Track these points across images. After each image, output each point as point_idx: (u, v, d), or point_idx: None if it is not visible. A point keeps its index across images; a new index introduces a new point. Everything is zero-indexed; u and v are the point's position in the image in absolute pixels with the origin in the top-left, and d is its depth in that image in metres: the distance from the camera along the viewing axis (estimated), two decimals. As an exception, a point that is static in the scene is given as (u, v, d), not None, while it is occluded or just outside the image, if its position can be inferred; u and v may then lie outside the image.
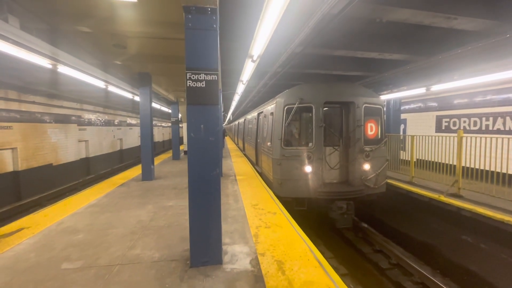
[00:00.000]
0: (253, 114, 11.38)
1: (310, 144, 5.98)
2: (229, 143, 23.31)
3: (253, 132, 10.70)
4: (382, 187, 6.27)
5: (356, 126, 6.01)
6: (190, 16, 2.68)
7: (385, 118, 6.49)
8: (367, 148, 6.06)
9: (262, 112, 8.77)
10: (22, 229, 3.95)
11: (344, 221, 6.10)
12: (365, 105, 6.10)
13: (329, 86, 6.27)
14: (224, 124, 42.28)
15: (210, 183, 2.80)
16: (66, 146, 12.72)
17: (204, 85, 2.72)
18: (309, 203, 5.99)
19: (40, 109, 10.92)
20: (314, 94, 5.98)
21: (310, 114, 5.99)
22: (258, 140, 9.27)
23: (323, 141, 5.96)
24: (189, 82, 2.70)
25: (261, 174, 8.25)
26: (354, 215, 6.36)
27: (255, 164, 10.04)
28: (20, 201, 9.48)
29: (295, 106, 5.83)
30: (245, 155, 13.85)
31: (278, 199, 5.29)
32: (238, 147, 18.59)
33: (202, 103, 2.74)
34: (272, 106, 6.90)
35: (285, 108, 6.02)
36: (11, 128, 9.30)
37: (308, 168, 5.79)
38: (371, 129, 6.25)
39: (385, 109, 6.68)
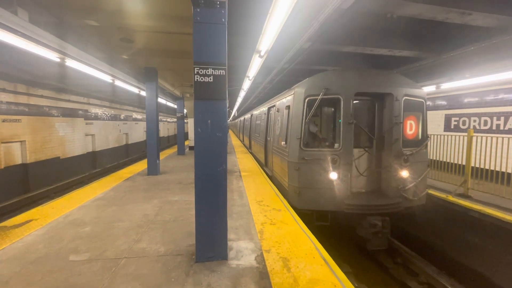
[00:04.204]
0: (262, 109, 10.33)
1: (336, 145, 5.00)
2: (233, 140, 23.32)
3: (262, 129, 9.62)
4: (422, 199, 5.21)
5: (394, 123, 4.96)
6: (198, 10, 2.64)
7: (427, 114, 5.42)
8: (406, 151, 5.00)
9: (274, 106, 7.63)
10: (30, 220, 4.02)
11: (378, 242, 4.92)
12: (405, 97, 5.02)
13: (361, 74, 5.21)
14: (229, 120, 42.35)
15: (217, 179, 2.79)
16: (73, 139, 12.89)
17: (211, 80, 2.70)
18: (333, 217, 5.04)
19: (48, 102, 11.06)
20: (342, 83, 4.94)
21: (337, 108, 5.04)
22: (268, 138, 8.26)
23: (353, 142, 4.93)
24: (197, 77, 2.67)
25: (271, 178, 7.22)
26: (390, 234, 5.18)
27: (264, 165, 8.93)
28: (29, 193, 9.66)
29: (319, 97, 4.82)
30: (251, 153, 12.87)
31: (295, 211, 4.54)
32: (244, 145, 18.01)
33: (210, 98, 2.71)
34: (289, 98, 5.80)
35: (306, 100, 5.00)
36: (20, 121, 9.45)
37: (333, 175, 4.80)
38: (411, 128, 5.18)
39: (427, 103, 5.45)
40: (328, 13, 3.56)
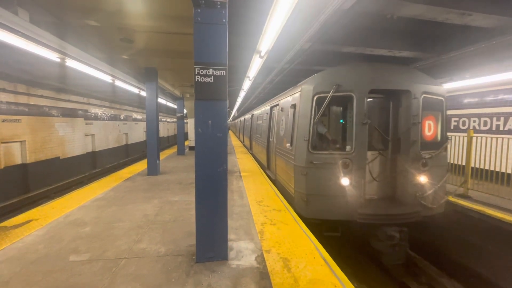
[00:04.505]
0: (264, 108, 9.77)
1: (348, 148, 4.63)
2: (233, 140, 23.32)
3: (264, 130, 9.12)
4: (441, 207, 4.82)
5: (412, 124, 4.58)
6: (199, 10, 2.65)
7: (446, 114, 5.03)
8: (425, 154, 4.62)
9: (277, 105, 7.16)
10: (30, 220, 4.01)
11: (396, 256, 4.53)
12: (423, 95, 4.64)
13: (375, 69, 4.81)
14: (229, 121, 42.37)
15: (217, 179, 2.79)
16: (73, 139, 12.89)
17: (212, 80, 2.70)
18: (344, 227, 4.68)
19: (48, 102, 11.06)
20: (355, 79, 4.55)
21: (349, 107, 4.66)
22: (271, 139, 7.81)
23: (367, 144, 4.52)
24: (197, 77, 2.67)
25: (274, 182, 6.81)
26: (408, 246, 4.77)
27: (266, 168, 8.43)
28: (28, 193, 9.66)
29: (329, 95, 4.41)
30: (252, 154, 12.39)
31: (301, 219, 4.14)
32: (244, 145, 17.62)
33: (210, 98, 2.71)
34: (295, 96, 5.35)
35: (315, 98, 4.60)
36: (19, 121, 9.44)
37: (345, 181, 4.40)
38: (429, 129, 4.78)
39: (447, 102, 5.07)
40: (329, 13, 3.56)
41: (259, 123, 10.80)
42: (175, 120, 28.48)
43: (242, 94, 13.36)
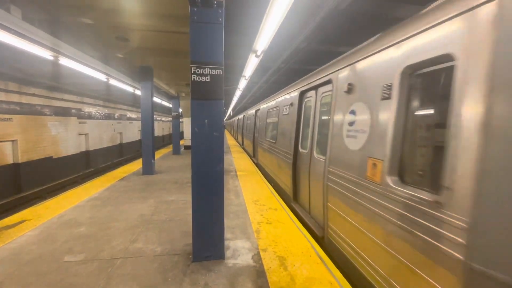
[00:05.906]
0: (281, 98, 6.41)
1: None
2: (229, 139, 23.30)
3: (284, 132, 5.83)
4: None
5: None
6: (195, 9, 2.64)
7: None
8: None
9: (327, 82, 3.68)
10: (23, 221, 3.96)
11: None
12: None
13: None
14: (225, 119, 42.28)
15: (214, 178, 2.79)
16: (66, 139, 12.70)
17: (209, 80, 2.70)
18: None
19: (41, 101, 10.87)
20: None
21: None
22: (302, 150, 4.73)
23: None
24: (194, 76, 2.67)
25: (320, 240, 3.57)
26: None
27: (292, 199, 4.98)
28: (21, 193, 9.50)
29: None
30: (256, 164, 9.85)
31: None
32: (243, 149, 15.49)
33: (207, 98, 2.71)
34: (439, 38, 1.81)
35: None
36: (11, 120, 9.27)
37: None
38: None
39: None
40: (325, 13, 3.59)
41: (271, 121, 7.61)
42: (170, 119, 28.30)
43: (238, 93, 13.35)
